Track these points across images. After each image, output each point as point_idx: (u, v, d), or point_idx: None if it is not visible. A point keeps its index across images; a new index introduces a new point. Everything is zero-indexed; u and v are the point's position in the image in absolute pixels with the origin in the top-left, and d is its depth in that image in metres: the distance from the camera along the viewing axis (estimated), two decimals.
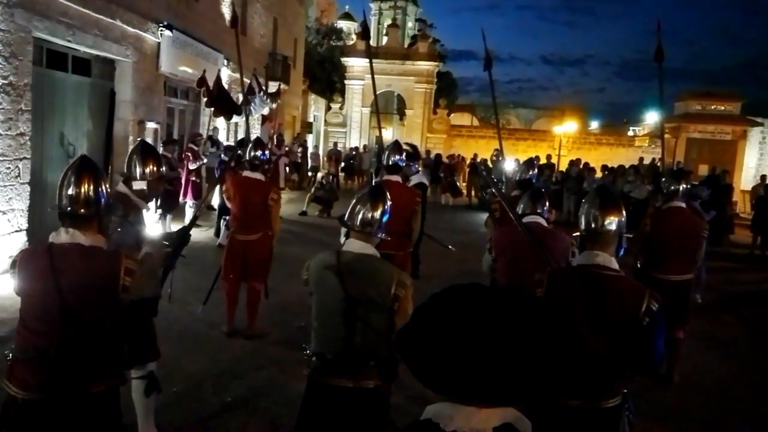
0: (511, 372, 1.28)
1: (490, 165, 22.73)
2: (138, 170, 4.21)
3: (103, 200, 3.07)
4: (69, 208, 3.01)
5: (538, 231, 4.24)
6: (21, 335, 2.96)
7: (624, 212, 3.33)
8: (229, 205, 6.98)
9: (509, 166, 5.65)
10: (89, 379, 2.89)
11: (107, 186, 3.17)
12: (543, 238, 4.20)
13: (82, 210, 3.00)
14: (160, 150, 12.53)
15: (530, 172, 6.96)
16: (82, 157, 3.25)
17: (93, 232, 3.06)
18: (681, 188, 6.25)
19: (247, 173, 6.86)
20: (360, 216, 3.38)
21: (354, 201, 3.49)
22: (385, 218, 3.46)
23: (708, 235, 6.41)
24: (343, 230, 3.63)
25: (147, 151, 4.37)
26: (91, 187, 3.03)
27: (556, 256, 4.21)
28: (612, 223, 3.23)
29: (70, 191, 3.02)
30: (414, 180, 7.81)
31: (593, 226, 3.23)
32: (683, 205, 6.29)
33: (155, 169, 4.26)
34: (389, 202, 3.55)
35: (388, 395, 3.40)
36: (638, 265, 6.41)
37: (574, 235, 3.54)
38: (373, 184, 4.92)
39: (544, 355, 1.30)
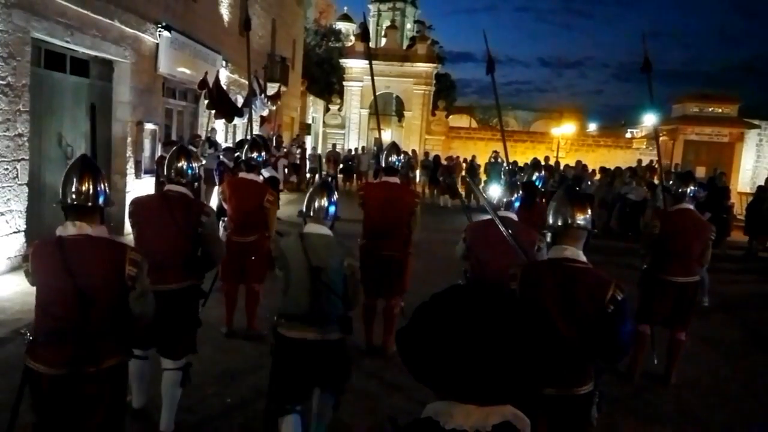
0: (510, 371, 1.29)
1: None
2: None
3: (103, 194, 3.36)
4: (75, 202, 3.29)
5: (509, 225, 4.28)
6: (41, 320, 3.27)
7: (590, 210, 3.57)
8: (225, 206, 6.96)
9: (495, 192, 5.67)
10: (103, 356, 3.24)
11: (106, 182, 3.46)
12: (518, 230, 4.36)
13: (89, 203, 3.30)
14: (159, 151, 12.55)
15: (536, 174, 6.99)
16: (82, 156, 3.55)
17: (97, 223, 3.35)
18: (689, 190, 6.27)
19: (243, 174, 6.85)
20: (313, 206, 4.25)
21: (307, 196, 4.34)
22: (331, 208, 4.28)
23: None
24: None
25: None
26: (93, 182, 3.32)
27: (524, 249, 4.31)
28: (580, 219, 3.46)
29: (75, 187, 3.29)
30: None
31: (561, 223, 3.45)
32: (691, 207, 6.31)
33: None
34: (335, 195, 4.41)
35: (346, 345, 4.22)
36: (644, 267, 6.43)
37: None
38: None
39: (541, 354, 1.31)
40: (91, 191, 3.30)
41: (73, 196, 3.29)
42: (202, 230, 4.62)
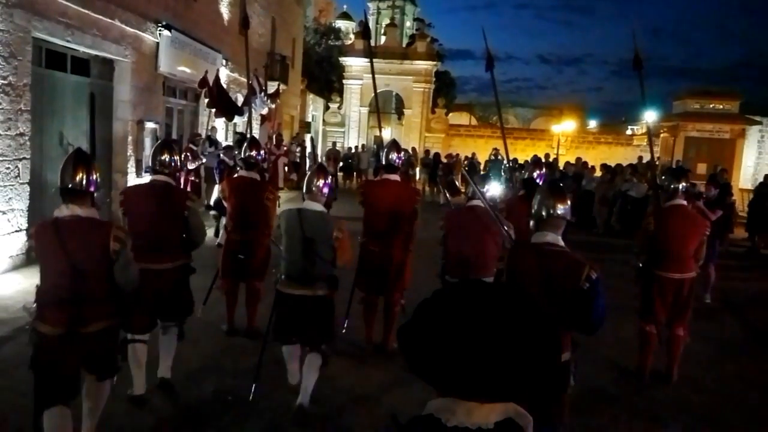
0: (513, 368, 1.29)
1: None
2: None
3: (93, 181, 3.90)
4: (69, 185, 3.84)
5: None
6: (44, 289, 3.84)
7: (568, 202, 3.94)
8: (225, 204, 6.97)
9: (495, 190, 6.00)
10: (95, 318, 3.83)
11: (98, 172, 3.99)
12: (490, 220, 5.01)
13: (80, 188, 3.84)
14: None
15: (537, 171, 7.00)
16: (77, 149, 4.10)
17: (87, 206, 3.89)
18: (681, 186, 6.27)
19: (242, 173, 6.86)
20: (311, 186, 5.04)
21: (306, 178, 5.16)
22: (326, 189, 5.10)
23: (711, 234, 6.45)
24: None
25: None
26: (86, 171, 3.88)
27: (499, 237, 5.06)
28: (559, 210, 3.86)
29: (69, 174, 3.86)
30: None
31: (544, 212, 3.86)
32: (684, 203, 6.32)
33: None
34: (330, 177, 5.27)
35: (333, 300, 5.13)
36: (640, 264, 6.43)
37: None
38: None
39: (545, 352, 1.31)
40: (83, 178, 3.85)
41: (68, 182, 3.84)
42: (187, 214, 5.08)
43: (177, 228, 5.08)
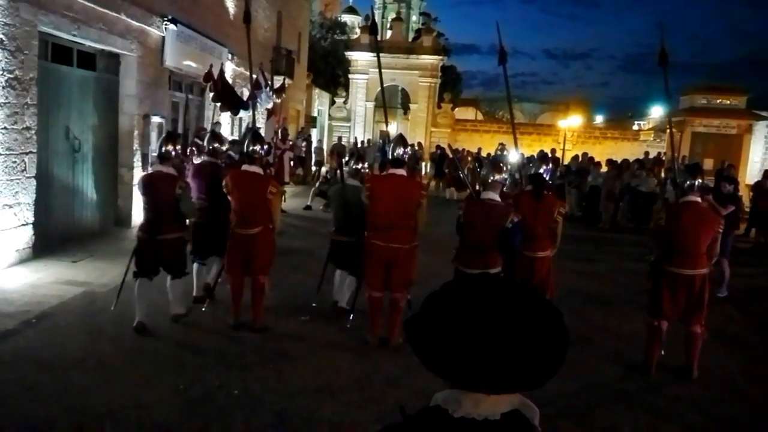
0: (521, 361, 1.29)
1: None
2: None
3: (172, 151, 6.77)
4: (162, 152, 6.70)
5: (490, 204, 6.09)
6: (144, 211, 6.74)
7: (505, 172, 6.32)
8: (229, 199, 6.98)
9: (514, 158, 6.62)
10: (166, 231, 6.57)
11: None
12: (491, 210, 6.04)
13: (166, 154, 6.71)
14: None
15: (543, 167, 7.01)
16: (168, 130, 8.42)
17: (168, 166, 6.67)
18: (696, 183, 6.26)
19: (245, 167, 6.86)
20: (352, 167, 7.79)
21: (352, 163, 7.75)
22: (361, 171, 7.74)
23: (724, 229, 6.43)
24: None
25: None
26: (172, 144, 6.82)
27: (499, 221, 5.98)
28: (497, 177, 6.15)
29: (162, 145, 6.75)
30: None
31: (489, 179, 6.13)
32: (698, 199, 6.29)
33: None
34: (365, 163, 7.71)
35: (362, 243, 6.58)
36: (652, 259, 6.42)
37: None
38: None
39: (553, 345, 1.31)
40: (169, 149, 6.71)
41: (159, 151, 6.77)
42: (179, 194, 6.61)
43: (174, 208, 6.65)
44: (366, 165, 8.32)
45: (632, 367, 6.49)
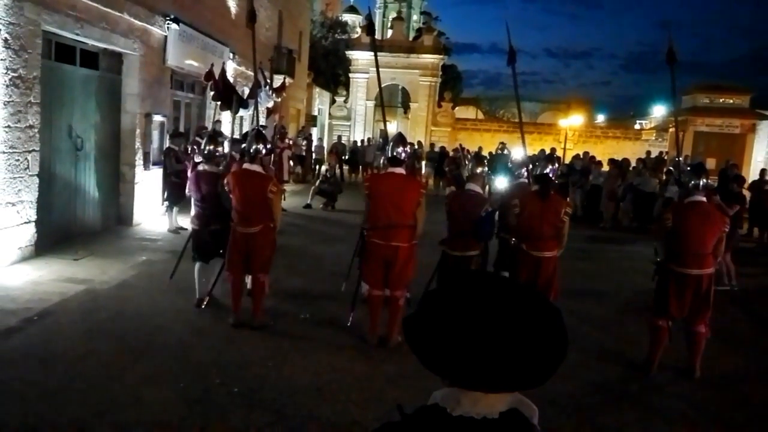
0: (519, 360, 1.29)
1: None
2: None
3: (258, 150, 6.78)
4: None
5: (470, 194, 6.96)
6: (196, 205, 7.45)
7: (486, 165, 7.35)
8: (230, 197, 7.01)
9: (517, 154, 7.27)
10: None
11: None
12: (470, 199, 6.86)
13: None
14: (167, 143, 12.59)
15: (549, 167, 7.02)
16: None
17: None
18: (701, 183, 6.26)
19: (246, 165, 6.87)
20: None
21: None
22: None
23: (729, 230, 6.45)
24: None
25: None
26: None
27: (475, 209, 6.70)
28: (477, 170, 7.11)
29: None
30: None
31: (471, 172, 7.09)
32: (704, 199, 6.28)
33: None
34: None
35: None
36: (658, 259, 6.43)
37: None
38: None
39: (551, 344, 1.32)
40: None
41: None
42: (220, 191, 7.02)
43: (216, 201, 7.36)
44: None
45: (633, 366, 6.49)
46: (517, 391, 1.35)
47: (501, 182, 9.44)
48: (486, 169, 7.47)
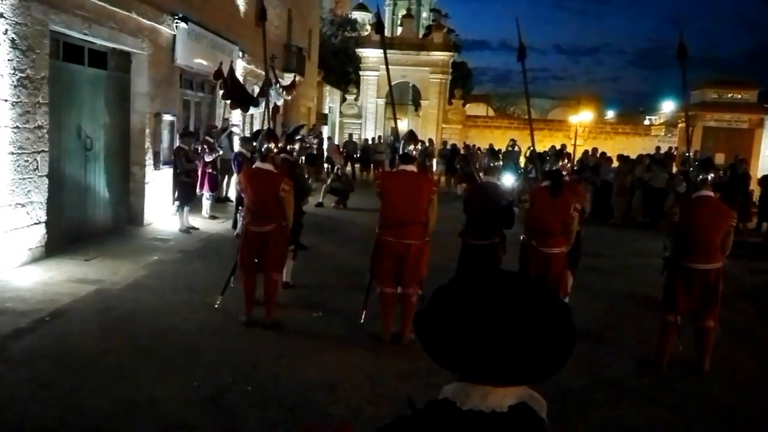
0: (527, 354, 1.30)
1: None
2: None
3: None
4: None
5: (489, 185, 7.25)
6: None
7: (500, 160, 7.72)
8: (243, 196, 7.03)
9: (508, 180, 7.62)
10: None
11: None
12: (490, 190, 7.15)
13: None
14: (177, 142, 12.61)
15: (560, 163, 7.00)
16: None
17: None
18: (709, 177, 6.23)
19: (258, 164, 6.88)
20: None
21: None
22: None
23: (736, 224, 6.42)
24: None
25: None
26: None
27: (496, 199, 7.03)
28: (497, 163, 7.48)
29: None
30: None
31: (487, 166, 7.35)
32: (711, 194, 6.26)
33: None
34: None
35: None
36: (666, 254, 6.40)
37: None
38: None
39: (559, 338, 1.32)
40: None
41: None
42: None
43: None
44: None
45: (643, 362, 6.47)
46: (525, 384, 1.36)
47: (508, 179, 9.61)
48: (500, 163, 7.83)
